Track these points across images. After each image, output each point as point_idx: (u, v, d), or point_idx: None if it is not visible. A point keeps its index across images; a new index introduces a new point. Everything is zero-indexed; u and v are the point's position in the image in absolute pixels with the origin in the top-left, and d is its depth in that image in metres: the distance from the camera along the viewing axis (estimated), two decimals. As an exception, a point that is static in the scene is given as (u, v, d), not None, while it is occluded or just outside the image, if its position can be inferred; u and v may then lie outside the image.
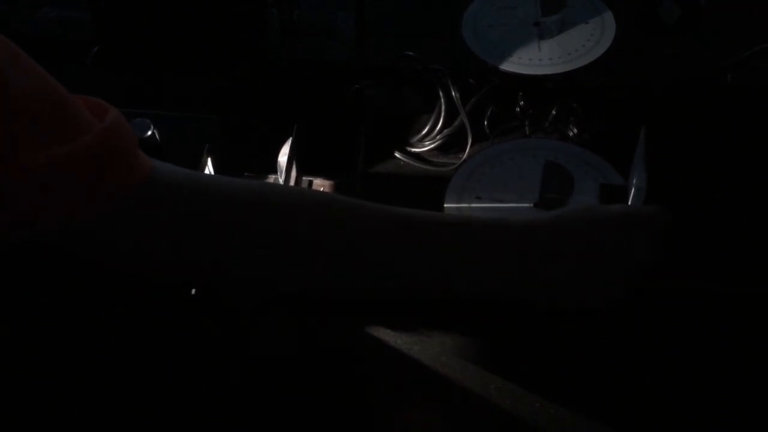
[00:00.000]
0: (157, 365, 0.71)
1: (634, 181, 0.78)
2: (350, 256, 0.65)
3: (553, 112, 0.92)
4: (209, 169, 0.80)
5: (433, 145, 0.92)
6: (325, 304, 0.73)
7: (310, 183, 0.86)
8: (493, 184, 0.87)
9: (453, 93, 0.92)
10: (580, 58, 0.94)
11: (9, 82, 0.52)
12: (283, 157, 0.83)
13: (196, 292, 0.74)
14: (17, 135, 0.53)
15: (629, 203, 0.79)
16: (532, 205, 0.84)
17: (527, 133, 0.92)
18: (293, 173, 0.83)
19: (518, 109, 0.93)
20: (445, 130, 0.92)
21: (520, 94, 0.93)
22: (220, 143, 0.82)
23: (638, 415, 0.69)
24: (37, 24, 1.05)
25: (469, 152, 0.90)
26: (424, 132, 0.93)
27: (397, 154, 0.92)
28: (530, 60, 0.94)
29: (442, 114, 0.92)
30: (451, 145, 0.92)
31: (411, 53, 0.96)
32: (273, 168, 0.84)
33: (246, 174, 0.86)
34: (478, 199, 0.85)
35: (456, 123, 0.92)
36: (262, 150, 0.86)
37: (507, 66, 0.94)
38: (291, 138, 0.83)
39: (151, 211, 0.60)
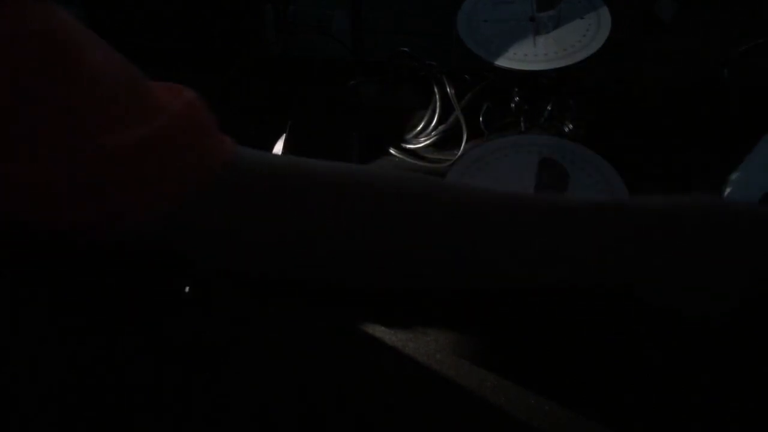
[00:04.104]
0: (153, 365, 0.71)
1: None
2: (423, 242, 0.64)
3: (549, 108, 0.92)
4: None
5: (428, 142, 0.92)
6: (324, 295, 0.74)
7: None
8: (488, 181, 0.86)
9: (448, 89, 0.92)
10: (575, 53, 0.93)
11: (93, 66, 0.52)
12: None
13: (190, 290, 0.74)
14: (101, 116, 0.52)
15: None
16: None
17: (523, 129, 0.92)
18: (288, 171, 0.83)
19: (513, 105, 0.93)
20: (441, 127, 0.92)
21: (516, 90, 0.93)
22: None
23: (635, 413, 0.69)
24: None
25: (464, 148, 0.90)
26: (419, 128, 0.93)
27: (392, 151, 0.91)
28: (525, 56, 0.94)
29: (437, 110, 0.92)
30: (446, 141, 0.92)
31: (406, 49, 0.96)
32: (267, 165, 0.84)
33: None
34: (473, 196, 0.85)
35: (451, 119, 0.92)
36: (256, 146, 0.86)
37: (502, 62, 0.93)
38: (285, 134, 0.83)
39: (235, 192, 0.58)
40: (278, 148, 0.83)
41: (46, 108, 0.50)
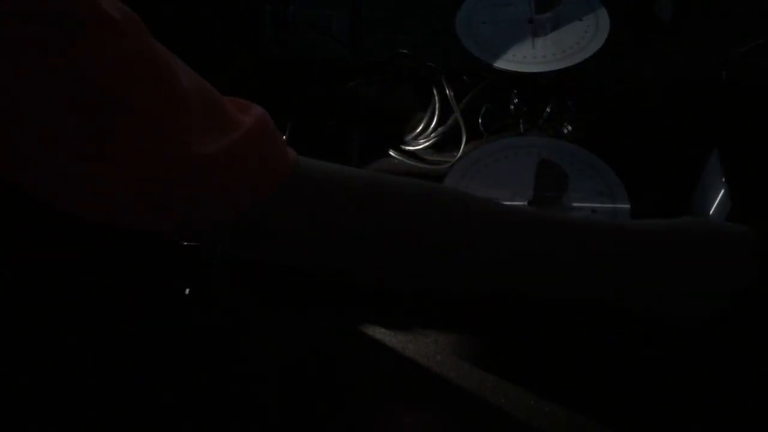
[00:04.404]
0: (153, 365, 0.71)
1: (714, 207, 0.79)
2: (465, 247, 0.66)
3: (548, 110, 0.92)
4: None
5: (427, 143, 0.92)
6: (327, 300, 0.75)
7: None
8: (487, 182, 0.86)
9: (447, 91, 0.92)
10: (574, 55, 0.94)
11: (183, 84, 0.56)
12: (277, 155, 0.83)
13: (190, 291, 0.74)
14: (189, 127, 0.56)
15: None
16: (526, 203, 0.84)
17: (522, 130, 0.92)
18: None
19: (512, 107, 0.93)
20: (440, 128, 0.92)
21: (515, 91, 0.93)
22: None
23: (633, 413, 0.69)
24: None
25: (463, 150, 0.90)
26: (418, 130, 0.92)
27: (391, 153, 0.91)
28: (524, 57, 0.94)
29: (437, 112, 0.92)
30: (445, 143, 0.92)
31: (405, 51, 0.96)
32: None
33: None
34: (473, 196, 0.85)
35: (450, 121, 0.92)
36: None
37: (501, 63, 0.93)
38: (285, 136, 0.83)
39: (296, 197, 0.62)
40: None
41: (149, 121, 0.54)
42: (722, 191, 0.79)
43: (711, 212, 0.80)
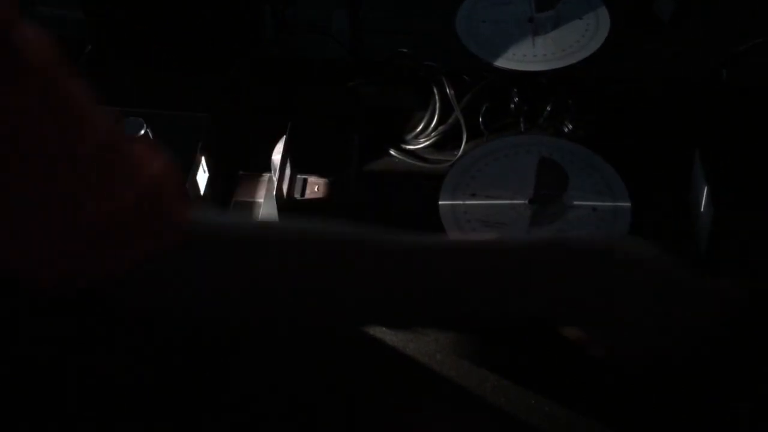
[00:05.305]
0: (153, 365, 0.71)
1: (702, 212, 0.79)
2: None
3: (548, 109, 0.92)
4: (203, 166, 0.80)
5: (427, 143, 0.92)
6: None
7: (305, 181, 0.85)
8: (487, 181, 0.87)
9: (447, 90, 0.92)
10: (574, 54, 0.94)
11: (86, 131, 0.53)
12: (277, 155, 0.83)
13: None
14: (88, 185, 0.53)
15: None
16: (526, 201, 0.84)
17: (522, 129, 0.92)
18: (287, 171, 0.83)
19: (513, 106, 0.93)
20: (440, 128, 0.92)
21: (515, 90, 0.93)
22: (213, 141, 0.81)
23: (633, 413, 0.69)
24: (32, 22, 1.05)
25: (464, 149, 0.90)
26: (418, 129, 0.92)
27: (391, 152, 0.91)
28: (524, 56, 0.94)
29: (437, 111, 0.92)
30: (445, 142, 0.92)
31: (405, 50, 0.96)
32: (267, 166, 0.84)
33: (240, 172, 0.86)
34: (473, 196, 0.85)
35: (450, 120, 0.92)
36: (256, 148, 0.86)
37: (501, 62, 0.93)
38: (285, 136, 0.83)
39: (192, 258, 0.60)
40: (278, 148, 0.83)
41: (47, 178, 0.52)
42: (706, 191, 0.79)
43: (702, 210, 0.79)
